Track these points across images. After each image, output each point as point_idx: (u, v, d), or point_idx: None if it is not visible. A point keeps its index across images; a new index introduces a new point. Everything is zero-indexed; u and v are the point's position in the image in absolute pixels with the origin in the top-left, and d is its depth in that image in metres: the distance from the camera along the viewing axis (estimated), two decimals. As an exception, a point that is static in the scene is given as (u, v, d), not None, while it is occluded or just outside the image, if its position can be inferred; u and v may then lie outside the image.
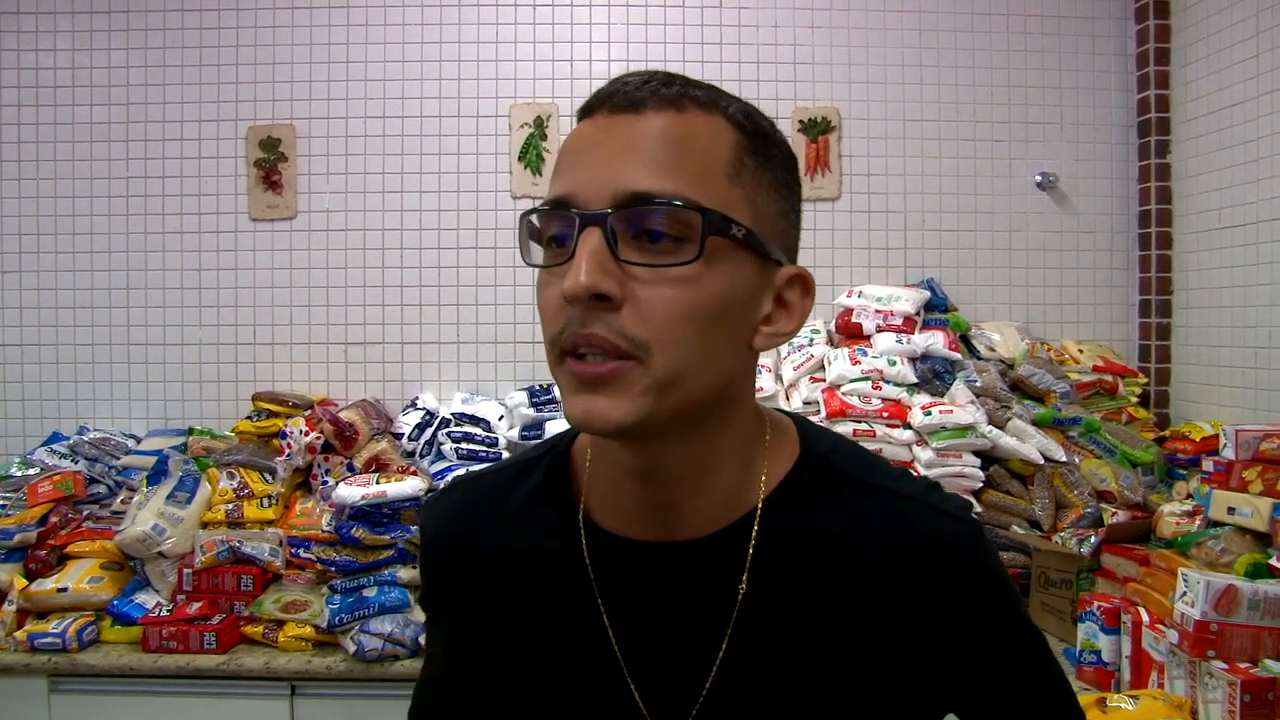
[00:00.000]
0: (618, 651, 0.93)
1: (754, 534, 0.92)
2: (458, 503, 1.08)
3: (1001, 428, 3.09)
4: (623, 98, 0.84)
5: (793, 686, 0.91)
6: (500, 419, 3.44)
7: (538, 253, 0.87)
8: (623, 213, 0.80)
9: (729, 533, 0.92)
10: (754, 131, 0.87)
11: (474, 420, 3.42)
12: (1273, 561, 2.25)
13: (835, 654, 0.91)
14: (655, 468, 0.90)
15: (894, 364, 3.21)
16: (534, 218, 0.86)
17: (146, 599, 2.88)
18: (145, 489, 3.07)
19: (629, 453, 0.90)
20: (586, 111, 0.87)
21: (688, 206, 0.80)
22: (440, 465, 3.33)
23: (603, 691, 0.94)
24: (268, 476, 3.15)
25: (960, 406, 3.06)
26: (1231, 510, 2.45)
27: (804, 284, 0.91)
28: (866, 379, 3.18)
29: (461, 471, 3.10)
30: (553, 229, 0.84)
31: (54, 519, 3.02)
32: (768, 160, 0.88)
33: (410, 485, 2.94)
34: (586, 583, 0.95)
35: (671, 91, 0.84)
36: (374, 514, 2.86)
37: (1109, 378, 3.48)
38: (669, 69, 0.89)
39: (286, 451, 3.16)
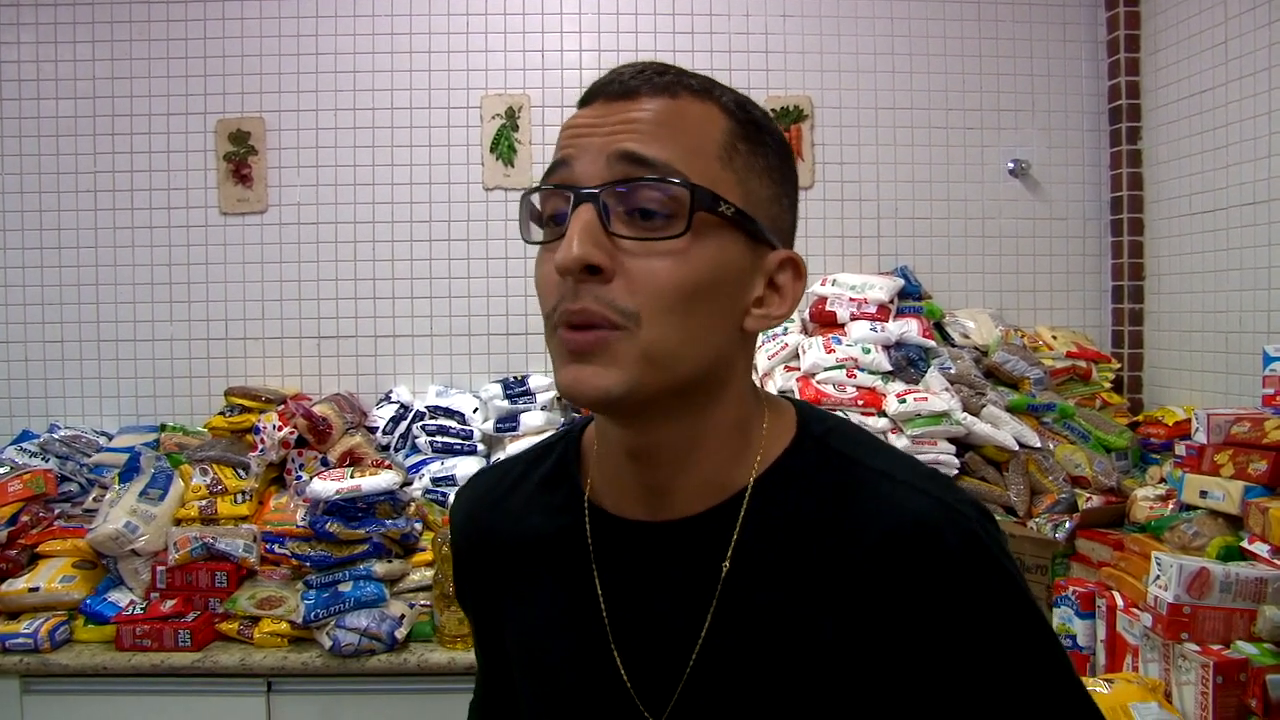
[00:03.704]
0: (609, 630, 0.96)
1: (741, 514, 0.92)
2: (480, 491, 1.13)
3: (976, 414, 3.10)
4: (619, 86, 0.88)
5: (773, 666, 0.90)
6: (475, 411, 3.42)
7: (537, 232, 0.91)
8: (615, 189, 0.83)
9: (716, 512, 0.93)
10: (747, 120, 0.90)
11: (448, 413, 3.41)
12: (1244, 544, 2.26)
13: (816, 636, 0.89)
14: (646, 446, 0.92)
15: (868, 352, 3.22)
16: (535, 198, 0.90)
17: (119, 597, 2.86)
18: (117, 486, 3.05)
19: (620, 429, 0.93)
20: (585, 101, 0.91)
21: (676, 182, 0.82)
22: (415, 458, 3.32)
23: (592, 667, 0.96)
24: (241, 472, 3.13)
25: (935, 394, 3.06)
26: (1204, 494, 2.47)
27: (795, 268, 0.93)
28: (841, 367, 3.18)
29: (440, 478, 3.16)
30: (550, 208, 0.88)
31: (24, 518, 2.99)
32: (760, 147, 0.90)
33: (385, 479, 2.92)
34: (586, 560, 0.98)
35: (665, 80, 0.88)
36: (349, 508, 2.84)
37: (1082, 363, 3.50)
38: (640, 58, 0.91)
39: (260, 447, 3.14)
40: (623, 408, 0.86)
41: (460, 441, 3.33)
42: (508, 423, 3.34)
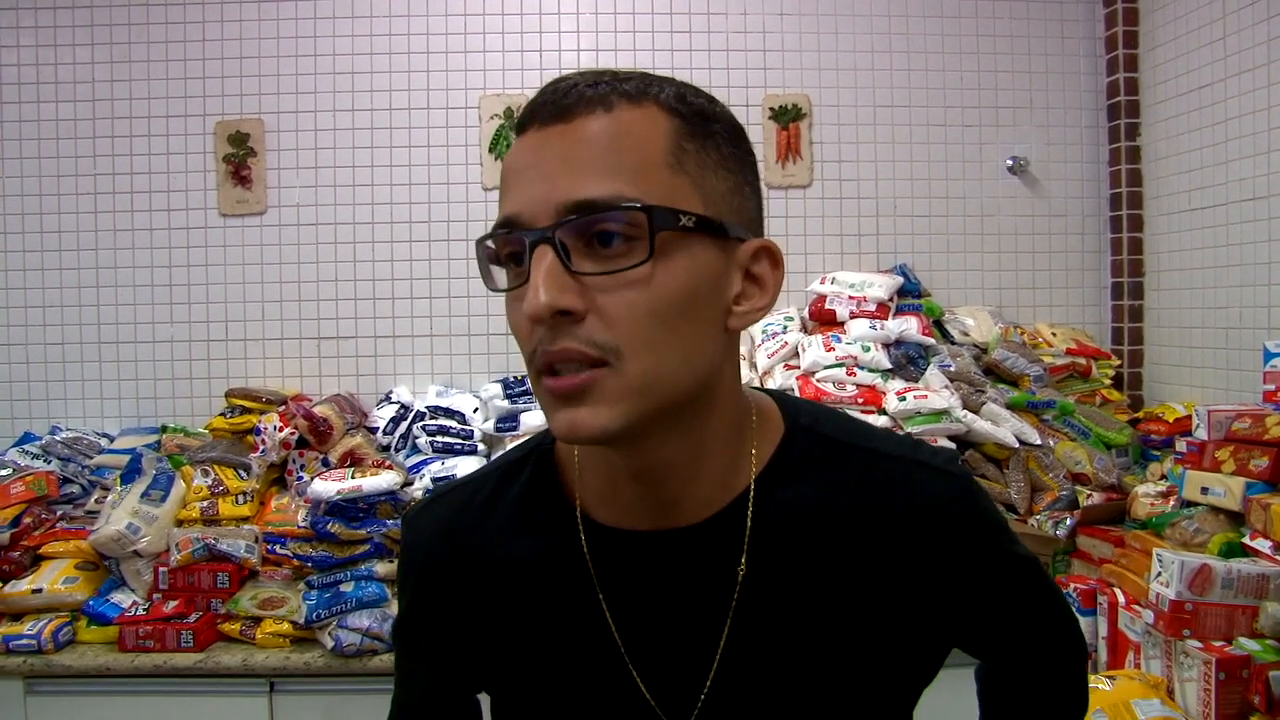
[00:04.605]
0: (620, 645, 0.94)
1: (749, 513, 0.92)
2: (444, 515, 1.06)
3: (976, 412, 3.10)
4: (551, 109, 0.84)
5: (797, 661, 0.91)
6: (475, 411, 3.42)
7: (500, 276, 0.87)
8: (569, 226, 0.80)
9: (725, 515, 0.93)
10: (690, 114, 0.86)
11: (449, 413, 3.40)
12: (1246, 540, 2.26)
13: (838, 622, 0.92)
14: (651, 466, 0.90)
15: (868, 350, 3.22)
16: (490, 241, 0.86)
17: (122, 598, 2.86)
18: (119, 488, 3.05)
19: (622, 455, 0.90)
20: (521, 128, 0.87)
21: (630, 208, 0.79)
22: (416, 459, 3.32)
23: (609, 687, 0.94)
24: (242, 473, 3.13)
25: (935, 391, 3.06)
26: (1205, 490, 2.47)
27: (771, 255, 0.90)
28: (841, 365, 3.18)
29: (441, 478, 3.13)
30: (508, 248, 0.85)
31: (27, 520, 2.99)
32: (709, 140, 0.86)
33: (385, 479, 2.92)
34: (587, 579, 0.95)
35: (598, 91, 0.83)
36: (350, 509, 2.85)
37: (1082, 360, 3.50)
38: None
39: (261, 448, 3.14)
40: (622, 440, 0.84)
41: (461, 441, 3.33)
42: (508, 422, 3.33)
